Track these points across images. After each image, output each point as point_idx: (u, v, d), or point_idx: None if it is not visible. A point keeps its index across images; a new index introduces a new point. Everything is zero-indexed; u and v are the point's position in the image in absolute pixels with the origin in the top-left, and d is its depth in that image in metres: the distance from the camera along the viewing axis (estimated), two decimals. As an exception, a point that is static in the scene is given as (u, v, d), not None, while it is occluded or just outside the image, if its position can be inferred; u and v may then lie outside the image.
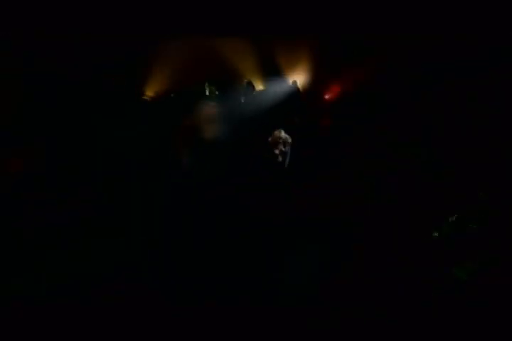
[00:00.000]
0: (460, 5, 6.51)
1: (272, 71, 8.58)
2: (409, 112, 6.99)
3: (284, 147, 6.41)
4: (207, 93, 8.64)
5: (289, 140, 6.48)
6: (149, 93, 8.61)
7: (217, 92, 8.79)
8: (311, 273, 4.53)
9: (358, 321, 3.98)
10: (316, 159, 6.65)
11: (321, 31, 7.25)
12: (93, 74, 7.52)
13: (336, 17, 6.95)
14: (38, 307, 3.95)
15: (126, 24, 6.96)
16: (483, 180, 5.43)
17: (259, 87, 8.69)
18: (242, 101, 8.33)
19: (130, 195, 5.82)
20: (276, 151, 6.30)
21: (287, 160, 6.49)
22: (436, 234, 4.83)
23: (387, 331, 3.89)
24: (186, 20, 6.94)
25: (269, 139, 6.45)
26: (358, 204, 5.53)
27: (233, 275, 4.49)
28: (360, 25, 7.03)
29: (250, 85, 8.47)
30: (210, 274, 4.49)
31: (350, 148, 6.78)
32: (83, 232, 4.99)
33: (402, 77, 7.47)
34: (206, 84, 8.62)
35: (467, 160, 5.88)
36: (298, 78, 8.40)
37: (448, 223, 4.87)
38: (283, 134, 6.42)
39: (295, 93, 8.30)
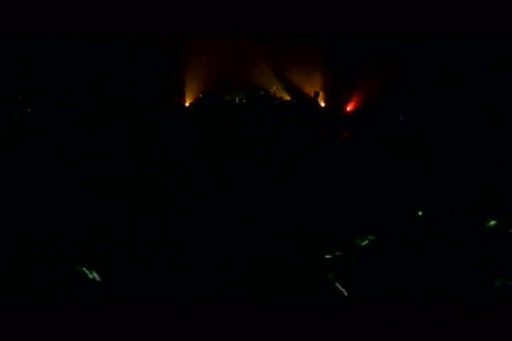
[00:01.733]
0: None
1: (294, 82, 8.79)
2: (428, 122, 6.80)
3: None
4: (237, 101, 8.91)
5: None
6: (184, 98, 8.99)
7: (244, 101, 9.04)
8: (310, 271, 4.52)
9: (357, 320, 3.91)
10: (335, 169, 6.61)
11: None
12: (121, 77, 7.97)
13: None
14: (38, 307, 4.13)
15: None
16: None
17: (284, 97, 8.92)
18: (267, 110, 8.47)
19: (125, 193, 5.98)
20: None
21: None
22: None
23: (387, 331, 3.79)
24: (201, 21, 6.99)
25: None
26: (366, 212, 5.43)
27: (233, 274, 4.51)
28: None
29: (274, 95, 8.78)
30: (210, 274, 4.53)
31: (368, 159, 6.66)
32: (83, 232, 5.15)
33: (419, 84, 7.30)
34: (236, 93, 8.84)
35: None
36: (319, 90, 8.59)
37: None
38: None
39: (316, 105, 8.44)
